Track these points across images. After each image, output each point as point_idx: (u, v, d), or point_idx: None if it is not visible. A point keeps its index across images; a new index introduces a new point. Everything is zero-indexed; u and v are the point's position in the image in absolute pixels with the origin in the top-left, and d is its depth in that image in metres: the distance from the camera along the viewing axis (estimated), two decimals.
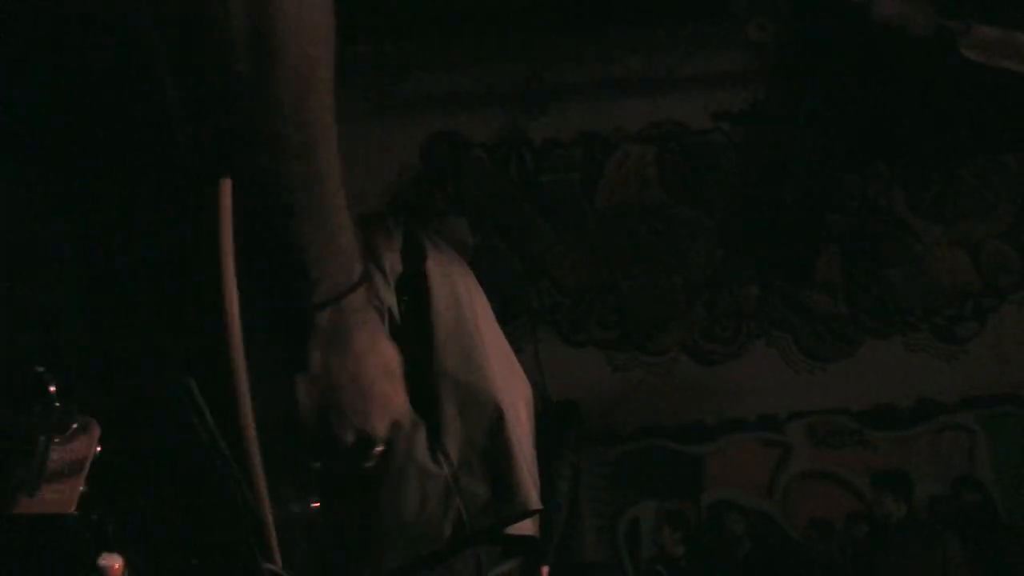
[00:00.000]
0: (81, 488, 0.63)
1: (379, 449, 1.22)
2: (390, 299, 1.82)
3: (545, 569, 4.90)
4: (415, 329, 1.84)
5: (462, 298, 1.93)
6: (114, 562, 0.63)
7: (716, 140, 7.22)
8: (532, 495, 1.81)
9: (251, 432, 0.79)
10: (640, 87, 7.22)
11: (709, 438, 6.78)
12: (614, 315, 7.10)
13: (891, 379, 6.70)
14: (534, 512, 1.83)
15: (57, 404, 0.63)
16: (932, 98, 6.46)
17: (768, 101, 6.89)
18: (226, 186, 0.79)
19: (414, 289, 1.86)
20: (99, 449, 0.65)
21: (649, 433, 6.77)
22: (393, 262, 1.86)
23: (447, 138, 7.32)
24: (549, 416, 5.00)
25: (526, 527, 1.85)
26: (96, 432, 0.65)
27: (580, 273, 7.18)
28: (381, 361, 1.12)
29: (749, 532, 6.21)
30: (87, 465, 0.64)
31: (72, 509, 0.62)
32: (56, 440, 0.62)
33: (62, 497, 0.62)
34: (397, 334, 1.83)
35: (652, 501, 6.55)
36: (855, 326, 6.92)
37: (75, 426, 0.64)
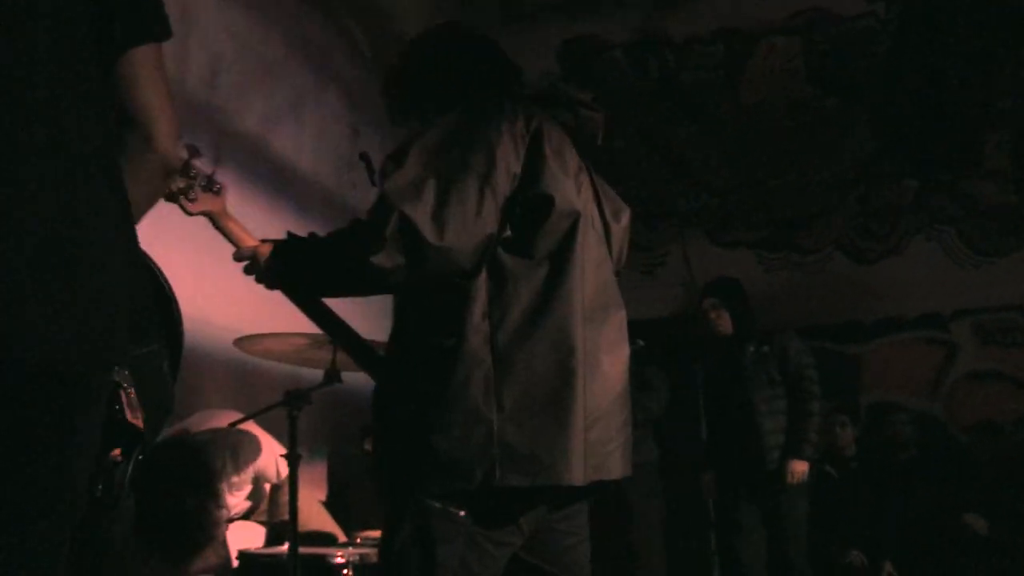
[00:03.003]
0: None
1: None
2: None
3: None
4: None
5: None
6: None
7: (868, 25, 6.80)
8: (575, 471, 1.67)
9: None
10: None
11: (867, 337, 6.57)
12: (762, 214, 6.91)
13: None
14: (567, 488, 1.69)
15: None
16: None
17: None
18: None
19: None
20: None
21: (804, 333, 6.59)
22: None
23: (584, 41, 7.17)
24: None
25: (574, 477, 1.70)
26: None
27: (726, 172, 6.99)
28: None
29: (912, 434, 5.97)
30: None
31: None
32: None
33: None
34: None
35: None
36: None
37: None
